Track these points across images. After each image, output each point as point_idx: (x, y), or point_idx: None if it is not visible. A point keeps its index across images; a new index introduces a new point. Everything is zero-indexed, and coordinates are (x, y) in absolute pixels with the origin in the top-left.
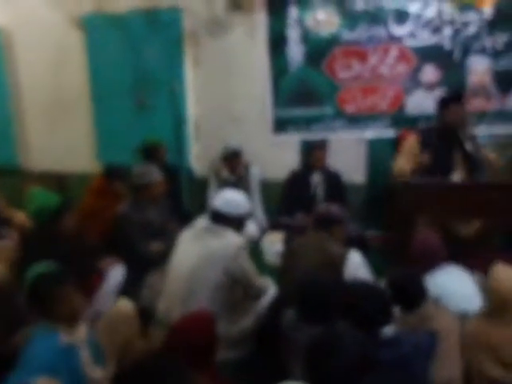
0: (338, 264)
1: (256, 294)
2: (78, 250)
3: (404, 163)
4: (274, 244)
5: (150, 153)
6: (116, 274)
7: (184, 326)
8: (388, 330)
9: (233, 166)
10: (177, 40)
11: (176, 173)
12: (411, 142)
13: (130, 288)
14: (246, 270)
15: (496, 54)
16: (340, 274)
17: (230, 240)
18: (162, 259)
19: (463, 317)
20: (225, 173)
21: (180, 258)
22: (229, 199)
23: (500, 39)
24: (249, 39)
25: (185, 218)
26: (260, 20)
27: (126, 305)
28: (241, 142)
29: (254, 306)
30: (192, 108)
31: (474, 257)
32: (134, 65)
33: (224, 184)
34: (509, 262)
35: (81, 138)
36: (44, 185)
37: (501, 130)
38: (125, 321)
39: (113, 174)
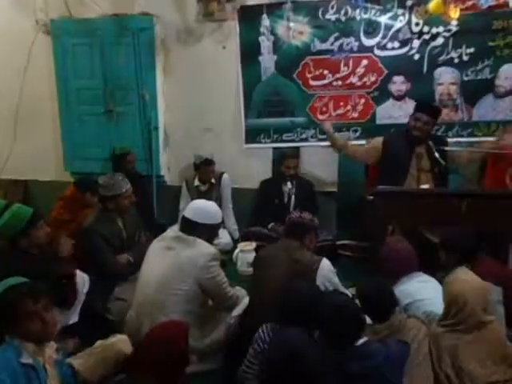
0: (308, 272)
1: (228, 304)
2: (51, 261)
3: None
4: (246, 253)
5: (119, 161)
6: (80, 286)
7: (156, 335)
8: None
9: (205, 175)
10: (148, 47)
11: (146, 182)
12: (377, 139)
13: (97, 300)
14: (218, 281)
15: (463, 66)
16: (311, 282)
17: (202, 250)
18: (131, 271)
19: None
20: (197, 182)
21: (149, 268)
22: (200, 208)
23: (466, 51)
24: (220, 48)
25: (156, 228)
26: (232, 29)
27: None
28: (213, 150)
29: (225, 317)
30: (162, 116)
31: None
32: (104, 72)
33: (196, 193)
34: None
35: (48, 146)
36: (10, 194)
37: (468, 140)
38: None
39: (84, 185)
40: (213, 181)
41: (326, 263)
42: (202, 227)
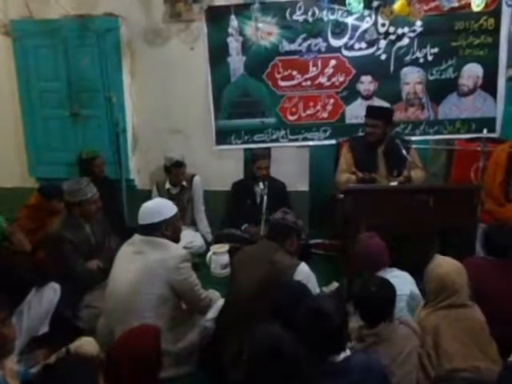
0: (285, 276)
1: (202, 306)
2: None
3: (341, 175)
4: (219, 256)
5: (86, 165)
6: (49, 294)
7: (128, 340)
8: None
9: (176, 177)
10: (113, 48)
11: (116, 186)
12: (344, 152)
13: (67, 308)
14: (190, 282)
15: (427, 66)
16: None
17: (172, 252)
18: (101, 277)
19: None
20: (167, 185)
21: (119, 274)
22: (149, 209)
23: (430, 51)
24: (188, 49)
25: (127, 233)
26: (200, 30)
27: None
28: (183, 152)
29: (199, 320)
30: (130, 118)
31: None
32: (68, 74)
33: (167, 196)
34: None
35: (11, 150)
36: None
37: (434, 137)
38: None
39: (49, 192)
40: (184, 183)
41: (303, 268)
42: (162, 224)
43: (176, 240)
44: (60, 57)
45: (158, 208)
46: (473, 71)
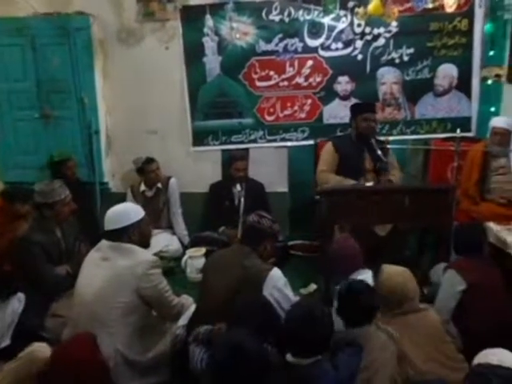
0: (256, 281)
1: (173, 314)
2: None
3: (324, 169)
4: (195, 260)
5: (58, 168)
6: (13, 305)
7: (63, 351)
8: None
9: (150, 175)
10: (85, 48)
11: (89, 189)
12: (327, 148)
13: (32, 317)
14: (160, 289)
15: (403, 66)
16: (258, 291)
17: (140, 258)
18: (69, 283)
19: None
20: (142, 187)
21: (85, 281)
22: (115, 213)
23: (406, 52)
24: (163, 48)
25: (99, 238)
26: (175, 29)
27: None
28: (159, 154)
29: (170, 327)
30: (104, 120)
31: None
32: (37, 74)
33: (142, 199)
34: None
35: None
36: None
37: (411, 137)
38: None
39: (12, 195)
40: (159, 186)
41: (275, 273)
42: (129, 229)
43: (145, 245)
44: (29, 56)
45: (124, 212)
46: (448, 71)
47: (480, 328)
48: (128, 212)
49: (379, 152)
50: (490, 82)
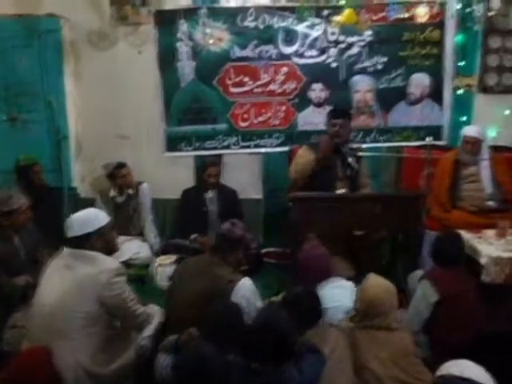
0: (224, 290)
1: (138, 324)
2: None
3: (297, 167)
4: (165, 267)
5: (24, 173)
6: None
7: (16, 366)
8: None
9: (122, 180)
10: (55, 50)
11: (56, 194)
12: (302, 150)
13: None
14: (124, 298)
15: (377, 74)
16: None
17: (104, 265)
18: (31, 294)
19: None
20: (113, 192)
21: (45, 290)
22: (78, 220)
23: (380, 60)
24: (136, 52)
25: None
26: (148, 33)
27: None
28: (130, 159)
29: (135, 338)
30: (73, 124)
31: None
32: (4, 76)
33: (112, 205)
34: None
35: None
36: None
37: (384, 145)
38: None
39: None
40: (130, 191)
41: (245, 283)
42: (92, 236)
43: (109, 252)
44: None
45: (87, 219)
46: (420, 80)
47: (452, 340)
48: (91, 218)
49: (350, 159)
50: (461, 91)
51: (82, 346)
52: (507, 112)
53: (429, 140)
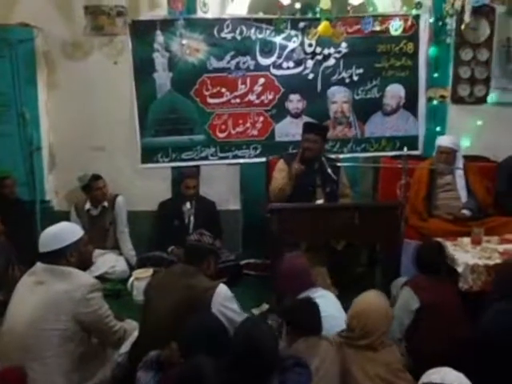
0: (202, 299)
1: (114, 341)
2: None
3: (277, 182)
4: (142, 281)
5: None
6: None
7: None
8: None
9: (97, 192)
10: (27, 61)
11: (29, 208)
12: (279, 164)
13: None
14: (100, 314)
15: (353, 86)
16: (206, 309)
17: (79, 281)
18: (1, 311)
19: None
20: (88, 205)
21: (17, 308)
22: (51, 235)
23: (356, 72)
24: (112, 63)
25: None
26: (124, 44)
27: None
28: (105, 171)
29: (112, 354)
30: (47, 135)
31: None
32: None
33: (87, 218)
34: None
35: None
36: None
37: (361, 155)
38: None
39: None
40: (105, 204)
41: (222, 289)
42: (66, 250)
43: (84, 267)
44: None
45: (61, 233)
46: (395, 91)
47: (432, 347)
48: (65, 232)
49: (329, 170)
50: (435, 102)
51: (57, 365)
52: (479, 122)
53: (405, 150)
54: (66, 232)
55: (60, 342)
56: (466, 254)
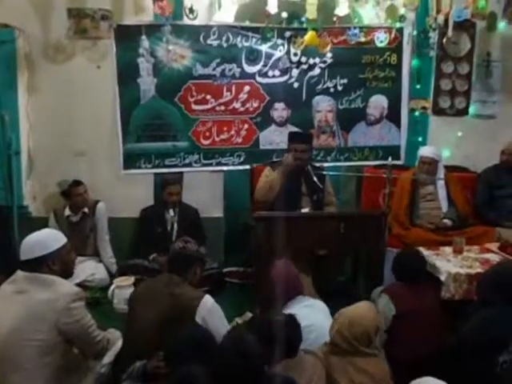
0: (188, 309)
1: (97, 351)
2: None
3: (262, 187)
4: (123, 289)
5: None
6: None
7: None
8: None
9: (77, 199)
10: (7, 62)
11: (6, 213)
12: (266, 172)
13: None
14: (83, 324)
15: (338, 95)
16: (191, 319)
17: (61, 290)
18: None
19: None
20: (67, 211)
21: None
22: (33, 242)
23: (340, 82)
24: (95, 67)
25: (17, 268)
26: (108, 48)
27: None
28: (86, 177)
29: (94, 366)
30: (26, 139)
31: None
32: None
33: (66, 224)
34: None
35: None
36: None
37: (344, 164)
38: None
39: None
40: (86, 210)
41: (208, 300)
42: (48, 258)
43: (67, 275)
44: None
45: (43, 240)
46: (379, 102)
47: (408, 356)
48: (47, 239)
49: (315, 179)
50: (417, 113)
51: (38, 378)
52: (459, 134)
53: (390, 160)
54: (49, 239)
55: (41, 352)
56: (448, 263)
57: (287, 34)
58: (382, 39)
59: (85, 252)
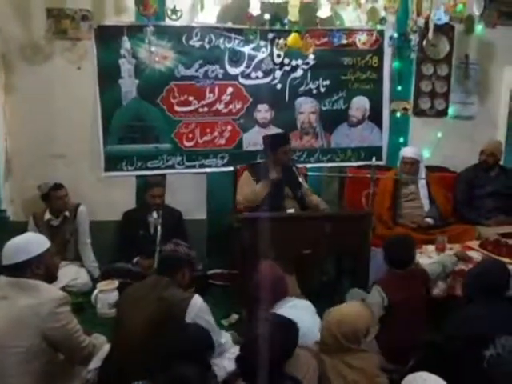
0: (177, 311)
1: (83, 357)
2: None
3: (244, 192)
4: (106, 294)
5: None
6: None
7: None
8: None
9: (58, 202)
10: None
11: None
12: (245, 177)
13: None
14: (69, 330)
15: (320, 97)
16: (181, 321)
17: (46, 295)
18: None
19: None
20: (48, 215)
21: None
22: (15, 246)
23: (323, 83)
24: (75, 68)
25: None
26: (88, 49)
27: None
28: (66, 180)
29: (80, 371)
30: (3, 142)
31: None
32: None
33: (46, 228)
34: None
35: None
36: None
37: (327, 165)
38: None
39: None
40: (67, 214)
41: (197, 301)
42: (32, 262)
43: (51, 280)
44: None
45: (26, 244)
46: (361, 103)
47: (397, 345)
48: (30, 243)
49: (300, 179)
50: (398, 114)
51: None
52: (439, 134)
53: (374, 160)
54: (32, 243)
55: (25, 359)
56: (430, 260)
57: (270, 35)
58: (363, 41)
59: (66, 256)
